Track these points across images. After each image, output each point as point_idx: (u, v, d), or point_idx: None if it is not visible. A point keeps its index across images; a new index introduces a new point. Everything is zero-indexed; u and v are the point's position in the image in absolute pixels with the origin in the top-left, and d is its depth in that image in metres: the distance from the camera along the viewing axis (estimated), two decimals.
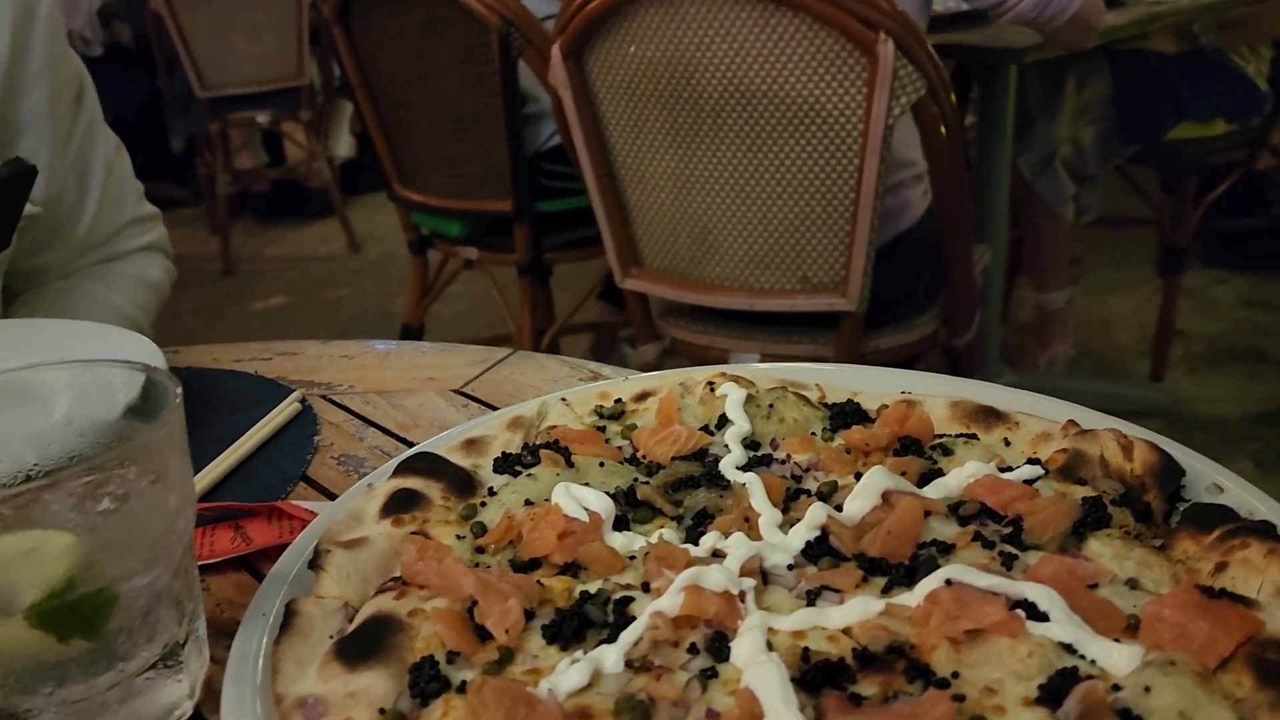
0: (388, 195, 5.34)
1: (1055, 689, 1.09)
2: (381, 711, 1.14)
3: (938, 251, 4.00)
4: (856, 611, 1.24)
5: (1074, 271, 6.42)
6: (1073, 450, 1.51)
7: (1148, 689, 1.07)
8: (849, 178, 3.63)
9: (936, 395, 1.70)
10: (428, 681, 1.17)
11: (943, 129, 3.80)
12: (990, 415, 1.64)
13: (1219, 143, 5.96)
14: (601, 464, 1.55)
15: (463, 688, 1.16)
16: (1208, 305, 6.81)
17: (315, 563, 1.36)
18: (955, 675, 1.14)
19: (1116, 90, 5.83)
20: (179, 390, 1.27)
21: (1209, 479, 1.47)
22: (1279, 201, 7.08)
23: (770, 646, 1.19)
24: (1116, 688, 1.09)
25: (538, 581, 1.32)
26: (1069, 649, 1.16)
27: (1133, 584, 1.27)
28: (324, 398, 1.99)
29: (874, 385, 1.76)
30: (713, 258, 3.99)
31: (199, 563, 1.51)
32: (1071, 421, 1.59)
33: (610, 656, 1.19)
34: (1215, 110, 5.82)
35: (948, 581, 1.23)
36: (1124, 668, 1.12)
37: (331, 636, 1.25)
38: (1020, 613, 1.18)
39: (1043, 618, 1.19)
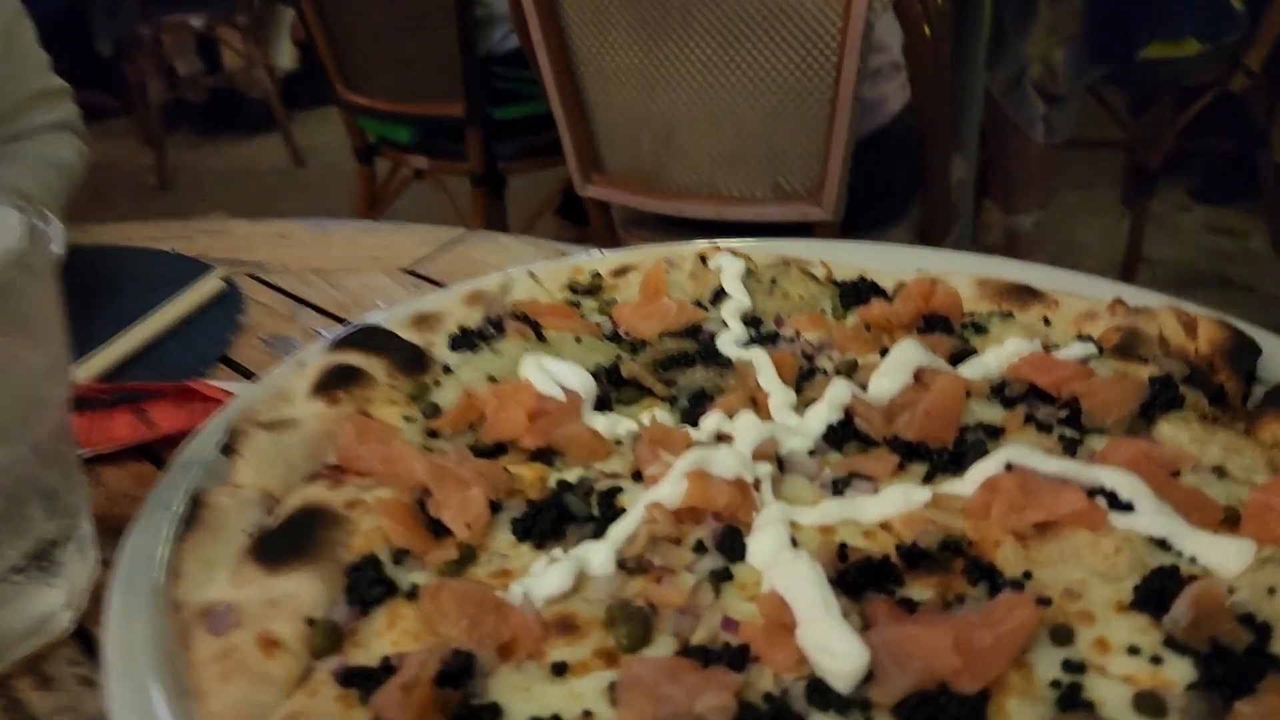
0: (331, 99, 4.98)
1: (1155, 591, 0.88)
2: (310, 623, 0.90)
3: (914, 153, 3.78)
4: (896, 502, 1.01)
5: (1042, 195, 6.26)
6: (1127, 328, 1.29)
7: (1272, 590, 0.86)
8: (825, 76, 3.37)
9: (958, 273, 1.47)
10: (369, 585, 0.93)
11: (926, 29, 3.56)
12: (1025, 293, 1.42)
13: (1193, 63, 5.78)
14: (578, 340, 1.30)
15: (414, 593, 0.93)
16: (1173, 231, 6.69)
17: (230, 446, 1.10)
18: (1027, 576, 0.92)
19: (1088, 6, 5.61)
20: (52, 229, 1.00)
21: None
22: (1253, 125, 6.94)
23: (795, 544, 0.97)
24: (1229, 590, 0.89)
25: (504, 470, 1.08)
26: (1162, 545, 0.95)
27: (1220, 472, 1.06)
28: (252, 277, 1.72)
29: (886, 263, 1.53)
30: (679, 161, 3.72)
31: (91, 451, 1.25)
32: (1119, 300, 1.37)
33: (598, 556, 0.96)
34: (1187, 27, 5.62)
35: (1008, 466, 1.01)
36: (1233, 566, 0.91)
37: (248, 533, 1.00)
38: (1101, 501, 0.97)
39: (1126, 508, 0.98)
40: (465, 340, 1.31)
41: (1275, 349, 1.27)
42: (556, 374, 1.17)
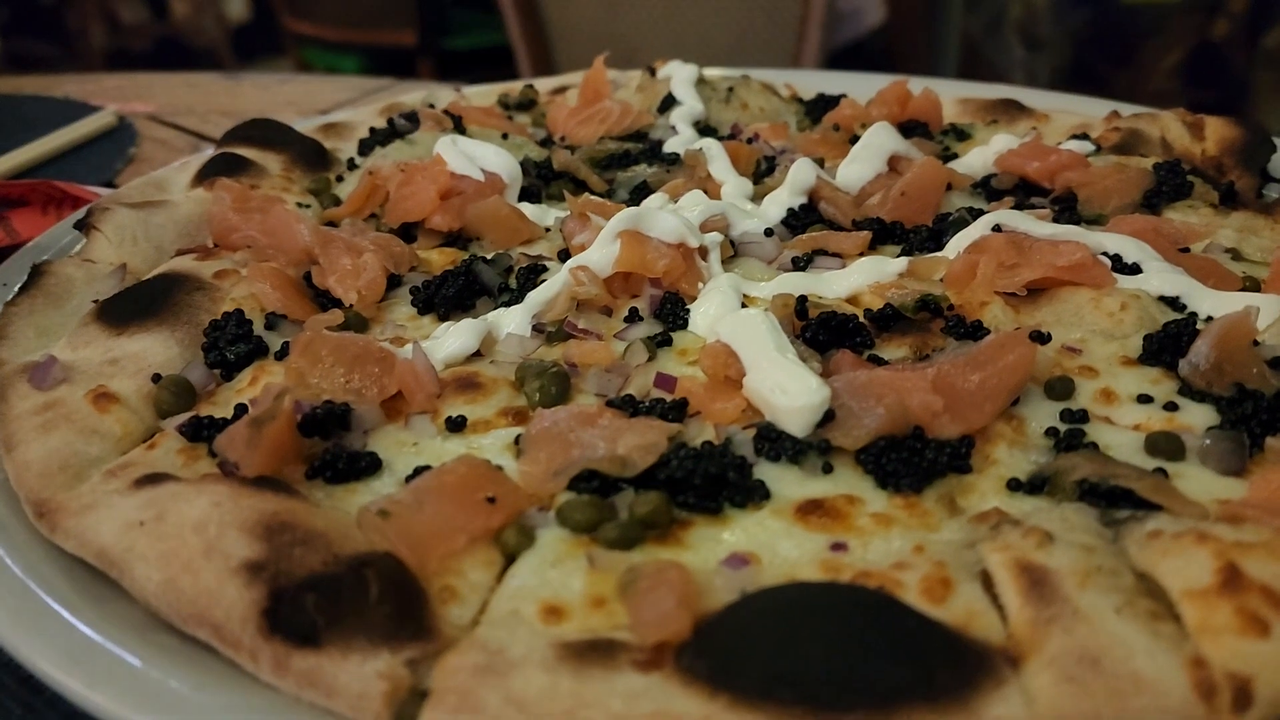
0: (282, 42, 4.77)
1: (1171, 338, 0.73)
2: (156, 379, 0.74)
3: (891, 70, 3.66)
4: (866, 274, 0.86)
5: None
6: (1127, 129, 1.15)
7: None
8: None
9: (941, 93, 1.31)
10: (231, 342, 0.77)
11: None
12: (1012, 107, 1.27)
13: (1175, 8, 5.69)
14: (505, 136, 1.14)
15: (284, 353, 0.77)
16: None
17: (85, 221, 0.93)
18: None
19: None
20: None
21: None
22: (1234, 77, 6.89)
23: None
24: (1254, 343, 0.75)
25: (410, 249, 0.92)
26: (1173, 304, 0.81)
27: (1234, 254, 0.92)
28: (152, 118, 1.55)
29: (855, 89, 1.37)
30: None
31: None
32: (1115, 113, 1.23)
33: (512, 320, 0.80)
34: None
35: (996, 228, 0.87)
36: (1258, 321, 0.77)
37: (96, 301, 0.84)
38: (1104, 258, 0.83)
39: (1133, 270, 0.83)
40: (375, 139, 1.15)
41: None
42: (475, 155, 1.01)
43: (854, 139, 1.09)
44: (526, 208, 1.00)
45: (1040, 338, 0.74)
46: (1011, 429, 0.68)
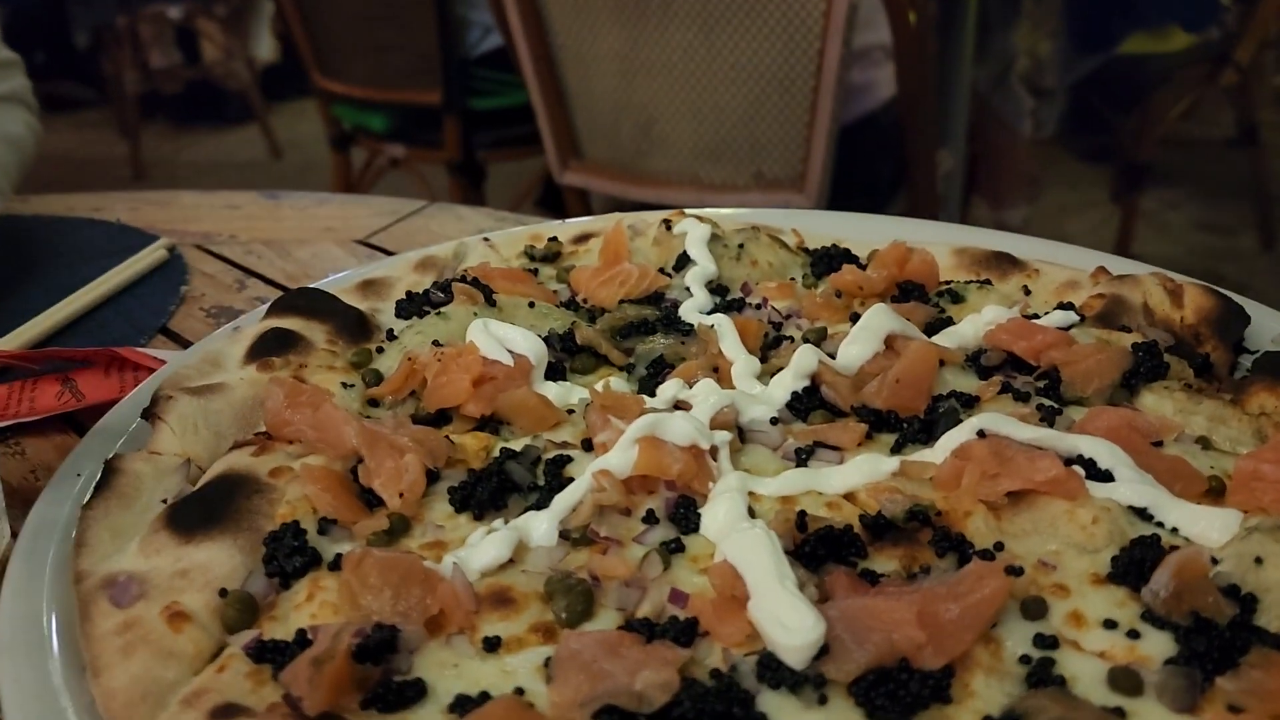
0: (308, 91, 4.91)
1: (1135, 562, 0.81)
2: (223, 594, 0.83)
3: (901, 141, 3.72)
4: (862, 472, 0.95)
5: (1030, 191, 6.23)
6: (1111, 295, 1.23)
7: (1259, 560, 0.80)
8: (809, 63, 3.31)
9: (936, 243, 1.40)
10: (289, 555, 0.86)
11: (910, 15, 3.50)
12: (1005, 261, 1.36)
13: (1181, 58, 5.75)
14: (531, 305, 1.23)
15: (337, 564, 0.85)
16: (1163, 228, 6.65)
17: (152, 411, 1.03)
18: (999, 547, 0.86)
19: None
20: None
21: (1274, 329, 1.20)
22: (1241, 122, 6.93)
23: (753, 514, 0.90)
24: (1212, 561, 0.82)
25: (447, 438, 1.01)
26: (1142, 515, 0.88)
27: (1204, 443, 0.99)
28: (199, 248, 1.65)
29: (860, 232, 1.46)
30: (659, 149, 3.66)
31: (12, 420, 1.17)
32: (1102, 268, 1.31)
33: (540, 526, 0.89)
34: (1168, 16, 5.59)
35: (980, 434, 0.95)
36: (1217, 536, 0.85)
37: (165, 501, 0.93)
38: (1078, 469, 0.91)
39: (1105, 478, 0.91)
40: (412, 305, 1.24)
41: (1264, 319, 1.22)
42: (504, 338, 1.10)
43: (855, 316, 1.17)
44: (551, 388, 1.09)
45: (1015, 571, 0.82)
46: (989, 654, 0.76)
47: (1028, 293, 1.30)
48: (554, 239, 1.42)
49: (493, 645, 0.78)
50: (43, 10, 8.13)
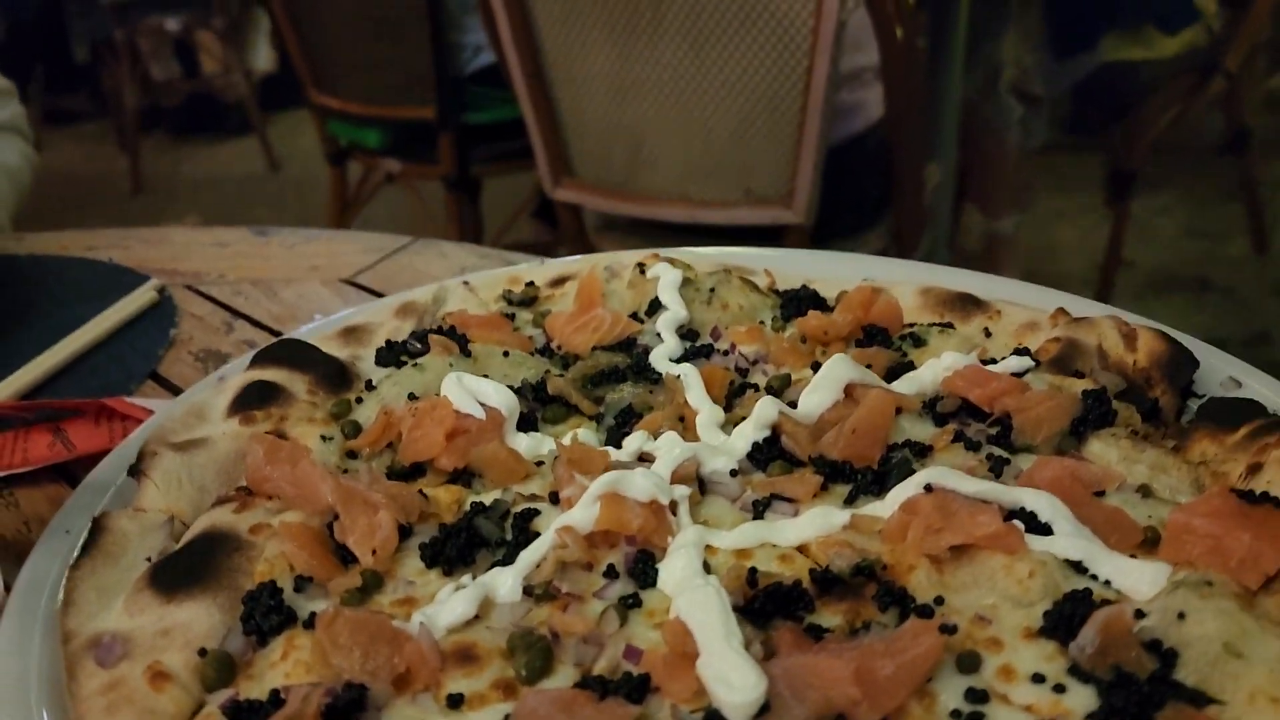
0: (305, 103, 4.95)
1: (1065, 617, 0.86)
2: (202, 653, 0.87)
3: (891, 160, 3.76)
4: (815, 525, 0.99)
5: (1022, 198, 6.27)
6: (1066, 339, 1.27)
7: (1181, 615, 0.84)
8: (797, 80, 3.35)
9: (904, 282, 1.45)
10: (265, 614, 0.90)
11: (898, 30, 3.54)
12: (968, 303, 1.40)
13: (1171, 65, 5.79)
14: (506, 354, 1.28)
15: (312, 622, 0.90)
16: (1153, 234, 6.69)
17: (138, 468, 1.08)
18: (939, 601, 0.90)
19: (1047, 4, 5.62)
20: None
21: (1223, 373, 1.24)
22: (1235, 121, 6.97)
23: (708, 568, 0.94)
24: (1139, 614, 0.87)
25: (420, 492, 1.06)
26: (1077, 568, 0.93)
27: (1145, 491, 1.04)
28: (188, 288, 1.70)
29: (832, 272, 1.51)
30: (650, 167, 3.70)
31: (5, 470, 1.22)
32: (1061, 310, 1.35)
33: (505, 582, 0.94)
34: (1144, 15, 5.63)
35: (927, 488, 0.99)
36: (1146, 590, 0.89)
37: (149, 559, 0.98)
38: (1018, 524, 0.95)
39: (1044, 530, 0.95)
40: (391, 355, 1.29)
41: (1215, 362, 1.26)
42: (477, 391, 1.14)
43: (815, 365, 1.22)
44: (523, 439, 1.13)
45: (949, 629, 0.86)
46: (923, 708, 0.80)
47: (988, 334, 1.34)
48: (531, 284, 1.47)
49: (456, 702, 0.83)
50: (42, 24, 8.20)
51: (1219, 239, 6.89)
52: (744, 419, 1.15)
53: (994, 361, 1.24)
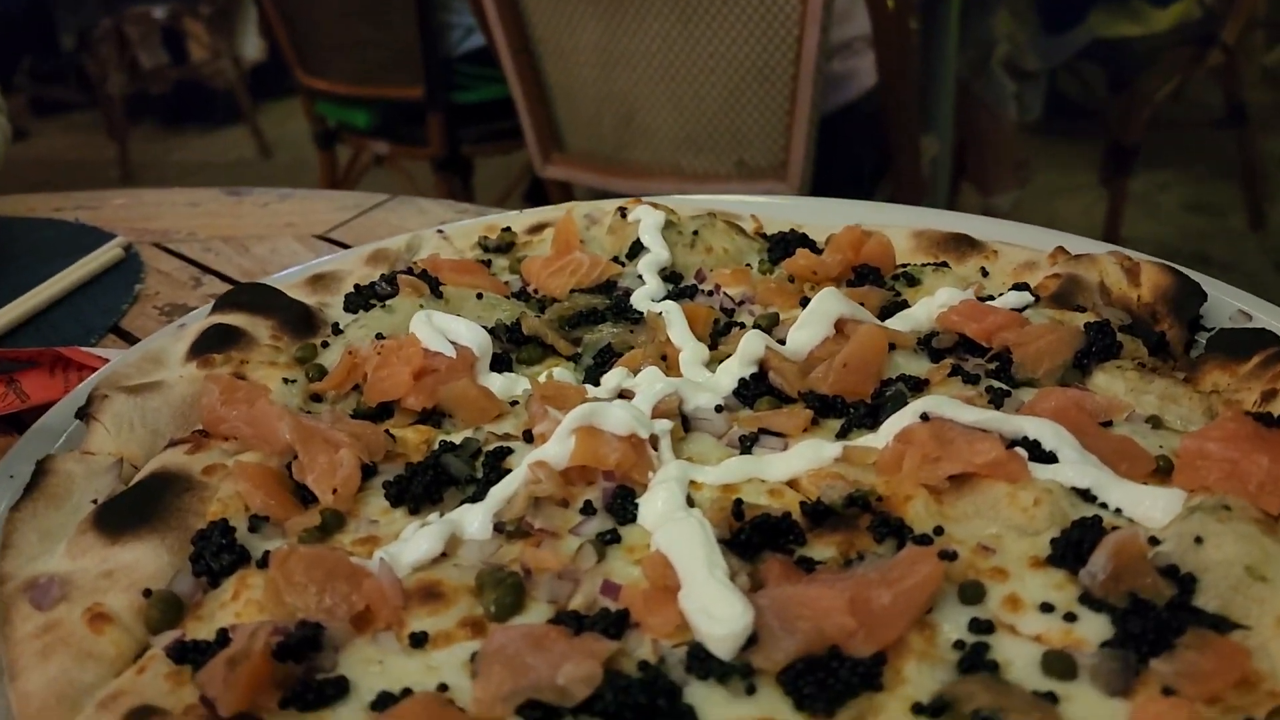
0: (294, 86, 4.88)
1: (1074, 544, 0.80)
2: (147, 594, 0.81)
3: (886, 128, 3.70)
4: (805, 459, 0.93)
5: (1019, 175, 6.22)
6: (1067, 275, 1.21)
7: (1199, 540, 0.78)
8: (788, 51, 3.29)
9: (895, 226, 1.38)
10: (216, 554, 0.84)
11: (889, 0, 3.48)
12: (963, 243, 1.34)
13: (1167, 38, 5.74)
14: (480, 296, 1.22)
15: (266, 562, 0.84)
16: (1152, 210, 6.63)
17: (86, 410, 1.01)
18: (938, 532, 0.84)
19: None
20: None
21: (1231, 307, 1.19)
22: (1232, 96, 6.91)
23: (692, 503, 0.88)
24: (1154, 541, 0.81)
25: (387, 432, 1.00)
26: (1085, 496, 0.87)
27: (1155, 422, 0.98)
28: (157, 245, 1.63)
29: (822, 218, 1.44)
30: (640, 140, 3.64)
31: None
32: (1061, 248, 1.29)
33: (474, 519, 0.87)
34: None
35: (924, 417, 0.93)
36: (1160, 517, 0.83)
37: (95, 502, 0.92)
38: (1021, 451, 0.89)
39: (1049, 459, 0.89)
40: (359, 299, 1.23)
41: (1222, 295, 1.20)
42: (447, 329, 1.08)
43: (804, 303, 1.16)
44: (496, 379, 1.07)
45: (949, 555, 0.80)
46: (924, 640, 0.74)
47: (985, 274, 1.28)
48: (508, 229, 1.41)
49: (419, 641, 0.77)
50: (28, 13, 8.11)
51: (1218, 214, 6.85)
52: (729, 357, 1.09)
53: (991, 298, 1.18)
